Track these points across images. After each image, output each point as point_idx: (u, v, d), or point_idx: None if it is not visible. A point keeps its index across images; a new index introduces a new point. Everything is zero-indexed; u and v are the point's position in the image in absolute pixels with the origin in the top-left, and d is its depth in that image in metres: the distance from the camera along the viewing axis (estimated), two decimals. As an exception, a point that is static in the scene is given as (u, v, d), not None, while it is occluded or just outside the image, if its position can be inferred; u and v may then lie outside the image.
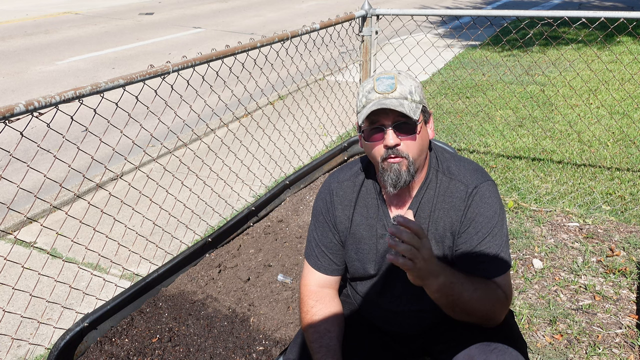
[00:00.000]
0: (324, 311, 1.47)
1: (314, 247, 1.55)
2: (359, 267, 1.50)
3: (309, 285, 1.54)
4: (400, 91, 1.32)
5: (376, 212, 1.46)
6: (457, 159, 1.47)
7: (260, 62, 5.96)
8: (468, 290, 1.28)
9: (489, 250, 1.36)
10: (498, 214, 1.39)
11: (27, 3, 14.87)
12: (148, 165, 4.23)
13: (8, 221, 3.51)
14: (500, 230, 1.39)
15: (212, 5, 13.69)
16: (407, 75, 1.38)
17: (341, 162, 3.95)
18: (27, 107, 1.70)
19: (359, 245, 1.48)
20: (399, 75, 1.35)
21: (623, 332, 2.32)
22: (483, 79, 6.24)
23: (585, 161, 3.97)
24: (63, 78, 7.10)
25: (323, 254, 1.53)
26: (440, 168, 1.44)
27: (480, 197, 1.38)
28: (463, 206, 1.38)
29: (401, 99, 1.31)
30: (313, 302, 1.50)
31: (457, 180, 1.41)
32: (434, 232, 1.41)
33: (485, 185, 1.40)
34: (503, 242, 1.38)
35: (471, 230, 1.37)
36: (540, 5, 12.33)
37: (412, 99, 1.32)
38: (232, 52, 2.51)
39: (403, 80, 1.34)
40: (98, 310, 2.16)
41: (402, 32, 8.27)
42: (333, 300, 1.52)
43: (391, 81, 1.33)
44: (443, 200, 1.41)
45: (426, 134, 1.39)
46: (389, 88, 1.32)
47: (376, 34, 3.46)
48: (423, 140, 1.36)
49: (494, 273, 1.36)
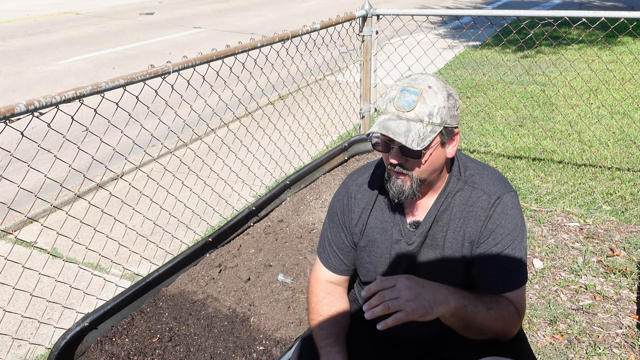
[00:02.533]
0: (335, 303, 1.50)
1: (326, 246, 1.56)
2: (370, 270, 1.49)
3: (320, 279, 1.57)
4: (417, 111, 1.24)
5: (392, 217, 1.44)
6: (479, 168, 1.42)
7: (261, 62, 5.96)
8: (481, 312, 1.26)
9: (506, 263, 1.33)
10: (519, 226, 1.36)
11: (27, 3, 14.88)
12: (148, 165, 4.23)
13: (8, 221, 3.51)
14: (520, 244, 1.36)
15: (212, 5, 13.69)
16: (439, 91, 1.27)
17: (341, 162, 3.95)
18: (28, 107, 1.70)
19: (372, 248, 1.47)
20: (426, 92, 1.26)
21: (623, 332, 2.32)
22: (483, 79, 6.24)
23: (586, 161, 3.97)
24: (63, 78, 7.11)
25: (335, 254, 1.54)
26: (463, 176, 1.40)
27: (503, 209, 1.35)
28: (484, 216, 1.35)
29: (415, 121, 1.24)
30: (324, 294, 1.52)
31: (479, 190, 1.37)
32: (451, 240, 1.38)
33: (509, 196, 1.37)
34: (522, 256, 1.35)
35: (490, 241, 1.34)
36: (541, 5, 12.32)
37: (428, 122, 1.25)
38: (233, 52, 2.52)
39: (428, 98, 1.25)
40: (98, 310, 2.16)
41: (402, 32, 8.26)
42: (342, 297, 1.54)
43: (413, 97, 1.25)
44: (464, 210, 1.37)
45: (441, 155, 1.32)
46: (406, 106, 1.25)
47: (376, 34, 3.46)
48: (434, 161, 1.30)
49: (509, 287, 1.34)
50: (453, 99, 1.29)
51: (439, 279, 1.41)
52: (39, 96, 1.73)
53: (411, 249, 1.41)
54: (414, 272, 1.42)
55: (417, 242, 1.40)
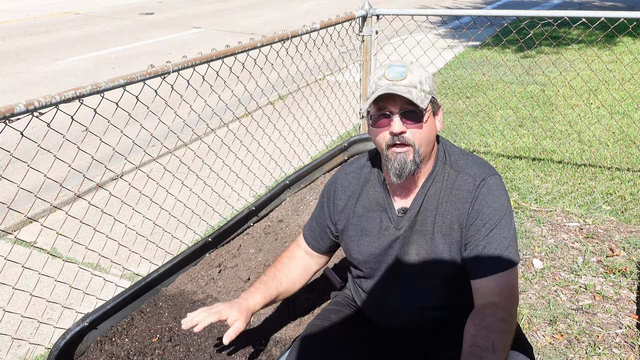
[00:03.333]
0: (290, 266, 1.64)
1: (311, 219, 1.68)
2: (360, 260, 1.50)
3: (298, 244, 1.69)
4: (410, 79, 1.33)
5: (380, 204, 1.46)
6: (464, 154, 1.47)
7: (261, 62, 5.96)
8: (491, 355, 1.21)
9: (497, 242, 1.35)
10: (505, 206, 1.38)
11: (27, 3, 14.87)
12: (148, 165, 4.23)
13: (8, 221, 3.51)
14: (509, 223, 1.38)
15: (212, 5, 13.69)
16: (419, 66, 1.39)
17: (341, 162, 3.95)
18: (28, 107, 1.70)
19: (362, 236, 1.48)
20: (410, 65, 1.36)
21: (623, 332, 2.32)
22: (483, 79, 6.23)
23: (586, 161, 3.97)
24: (63, 78, 7.11)
25: (312, 229, 1.65)
26: (448, 161, 1.44)
27: (488, 190, 1.38)
28: (470, 198, 1.38)
29: (410, 87, 1.32)
30: (290, 255, 1.68)
31: (464, 173, 1.41)
32: (440, 224, 1.40)
33: (493, 178, 1.40)
34: (511, 236, 1.37)
35: (479, 222, 1.36)
36: (541, 5, 12.32)
37: (421, 89, 1.33)
38: (232, 52, 2.51)
39: (414, 70, 1.35)
40: (98, 310, 2.16)
41: (402, 32, 8.26)
42: (305, 268, 1.66)
43: (402, 69, 1.34)
44: (450, 193, 1.40)
45: (434, 125, 1.39)
46: (399, 75, 1.33)
47: (376, 34, 3.46)
48: (430, 130, 1.37)
49: (501, 267, 1.34)
50: (429, 74, 1.41)
51: (429, 264, 1.41)
52: (38, 96, 1.73)
53: (400, 234, 1.42)
54: (405, 259, 1.43)
55: (405, 226, 1.42)
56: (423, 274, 1.44)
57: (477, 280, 1.36)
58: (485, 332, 1.24)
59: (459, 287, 1.45)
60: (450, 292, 1.45)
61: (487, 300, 1.32)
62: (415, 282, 1.45)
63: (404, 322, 1.51)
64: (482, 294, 1.34)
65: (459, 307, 1.48)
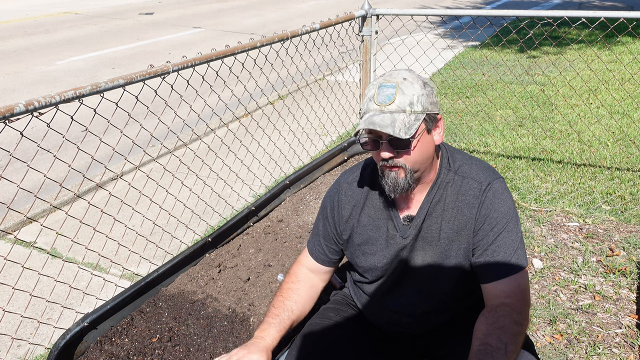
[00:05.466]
0: (298, 292, 1.57)
1: (314, 235, 1.62)
2: (366, 268, 1.50)
3: (301, 263, 1.64)
4: (398, 103, 1.28)
5: (385, 213, 1.46)
6: (467, 158, 1.47)
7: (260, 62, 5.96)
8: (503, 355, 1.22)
9: (505, 246, 1.36)
10: (512, 209, 1.39)
11: (27, 3, 14.87)
12: (148, 165, 4.23)
13: (8, 221, 3.51)
14: (516, 226, 1.38)
15: (212, 5, 13.69)
16: (414, 81, 1.32)
17: (341, 162, 3.95)
18: (27, 107, 1.70)
19: (368, 246, 1.48)
20: (402, 83, 1.31)
21: (623, 331, 2.32)
22: (483, 79, 6.24)
23: (585, 161, 3.97)
24: (63, 78, 7.10)
25: (319, 244, 1.60)
26: (452, 167, 1.43)
27: (494, 194, 1.38)
28: (477, 203, 1.38)
29: (398, 112, 1.28)
30: (295, 279, 1.60)
31: (470, 178, 1.41)
32: (447, 231, 1.40)
33: (498, 182, 1.41)
34: (519, 239, 1.38)
35: (486, 226, 1.37)
36: (540, 5, 12.33)
37: (411, 110, 1.29)
38: (232, 52, 2.51)
39: (406, 89, 1.30)
40: (98, 310, 2.15)
41: (402, 32, 8.26)
42: (309, 289, 1.59)
43: (391, 91, 1.29)
44: (456, 199, 1.40)
45: (429, 142, 1.35)
46: (387, 99, 1.29)
47: (376, 34, 3.46)
48: (423, 150, 1.33)
49: (511, 270, 1.34)
50: (429, 87, 1.34)
51: (435, 270, 1.41)
52: (38, 96, 1.73)
53: (407, 242, 1.42)
54: (411, 266, 1.43)
55: (412, 235, 1.42)
56: (428, 280, 1.44)
57: (488, 285, 1.36)
58: (499, 332, 1.25)
59: (463, 291, 1.45)
60: (454, 296, 1.46)
61: (500, 301, 1.32)
62: (420, 288, 1.46)
63: (405, 324, 1.51)
64: (494, 296, 1.34)
65: (462, 309, 1.49)
